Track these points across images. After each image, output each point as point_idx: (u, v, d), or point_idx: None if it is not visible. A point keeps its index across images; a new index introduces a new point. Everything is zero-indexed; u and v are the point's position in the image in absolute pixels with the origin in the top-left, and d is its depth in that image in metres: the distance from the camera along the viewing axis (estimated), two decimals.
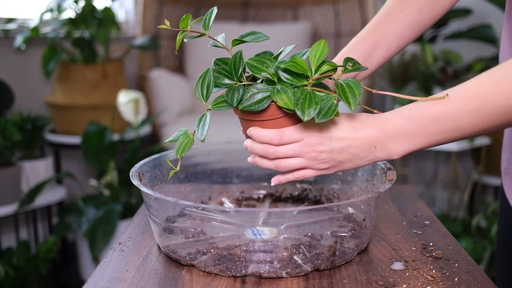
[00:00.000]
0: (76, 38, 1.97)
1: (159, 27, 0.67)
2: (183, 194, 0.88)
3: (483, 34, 2.24)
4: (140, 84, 2.45)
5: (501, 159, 0.85)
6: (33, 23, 1.90)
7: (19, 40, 1.88)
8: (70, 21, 1.94)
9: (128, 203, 1.92)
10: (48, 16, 1.94)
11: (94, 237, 1.70)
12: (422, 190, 2.72)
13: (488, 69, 0.57)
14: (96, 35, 1.98)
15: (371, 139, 0.62)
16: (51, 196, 1.90)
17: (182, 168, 0.88)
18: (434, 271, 0.64)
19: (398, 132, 0.61)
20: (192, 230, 0.68)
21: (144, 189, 0.67)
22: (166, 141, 0.68)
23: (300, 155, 0.64)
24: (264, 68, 0.64)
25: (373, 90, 0.65)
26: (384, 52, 0.80)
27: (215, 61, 0.69)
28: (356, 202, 0.72)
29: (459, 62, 2.32)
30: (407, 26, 0.78)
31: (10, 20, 1.95)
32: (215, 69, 0.67)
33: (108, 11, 2.05)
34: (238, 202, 0.92)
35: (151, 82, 2.36)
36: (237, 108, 0.65)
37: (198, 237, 0.68)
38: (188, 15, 0.69)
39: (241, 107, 0.62)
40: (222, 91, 0.67)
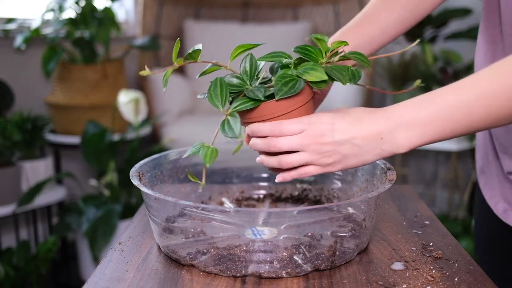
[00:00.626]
0: (76, 38, 1.97)
1: (141, 73, 0.65)
2: (183, 194, 0.88)
3: None
4: (140, 84, 2.45)
5: (475, 159, 0.86)
6: (34, 24, 1.90)
7: (19, 40, 1.88)
8: (70, 21, 1.94)
9: (128, 203, 1.92)
10: (48, 16, 1.94)
11: (94, 237, 1.70)
12: (422, 190, 2.72)
13: None
14: (96, 35, 1.98)
15: (377, 130, 0.59)
16: (51, 196, 1.90)
17: (182, 168, 0.88)
18: (434, 271, 0.64)
19: (407, 121, 0.58)
20: (192, 230, 0.68)
21: (144, 189, 0.67)
22: (185, 156, 0.66)
23: (302, 147, 0.61)
24: (281, 58, 0.65)
25: (366, 86, 0.65)
26: (367, 46, 0.79)
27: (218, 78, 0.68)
28: (356, 202, 0.72)
29: (459, 62, 2.32)
30: (392, 23, 0.78)
31: (10, 20, 1.95)
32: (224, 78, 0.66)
33: (108, 11, 2.05)
34: (238, 202, 0.92)
35: (151, 82, 2.36)
36: (243, 116, 0.65)
37: (198, 237, 0.68)
38: (198, 50, 0.67)
39: (278, 96, 0.60)
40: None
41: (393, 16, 0.78)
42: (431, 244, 0.73)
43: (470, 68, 2.22)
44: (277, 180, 0.66)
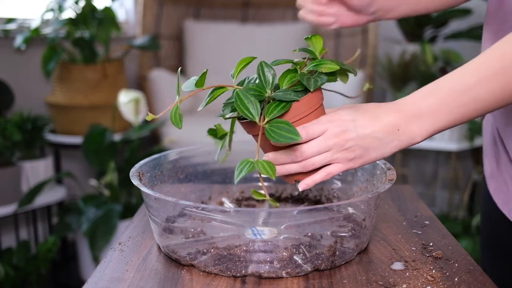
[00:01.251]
0: (76, 38, 1.97)
1: (147, 118, 0.63)
2: (183, 194, 0.88)
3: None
4: (140, 84, 2.45)
5: (483, 163, 0.84)
6: (34, 24, 1.90)
7: (19, 40, 1.88)
8: (70, 21, 1.94)
9: (128, 203, 1.92)
10: (48, 16, 1.94)
11: (94, 237, 1.70)
12: (422, 190, 2.72)
13: None
14: (96, 35, 1.98)
15: (394, 122, 0.61)
16: (51, 196, 1.90)
17: (182, 168, 0.88)
18: (434, 271, 0.64)
19: (418, 111, 0.60)
20: (192, 230, 0.68)
21: (144, 189, 0.67)
22: (237, 180, 0.59)
23: (327, 148, 0.61)
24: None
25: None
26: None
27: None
28: (356, 202, 0.72)
29: (459, 62, 2.32)
30: None
31: (10, 20, 1.95)
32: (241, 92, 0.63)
33: (108, 11, 2.05)
34: (238, 202, 0.92)
35: (151, 82, 2.36)
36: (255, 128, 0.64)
37: (198, 237, 0.68)
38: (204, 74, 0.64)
39: (313, 87, 0.61)
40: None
41: None
42: (431, 244, 0.73)
43: None
44: (300, 188, 0.65)
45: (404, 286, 0.61)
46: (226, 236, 0.67)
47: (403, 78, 2.38)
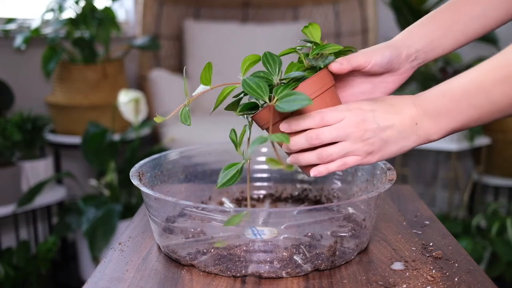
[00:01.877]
0: (76, 38, 1.97)
1: (155, 119, 0.63)
2: (183, 194, 0.88)
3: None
4: (140, 84, 2.45)
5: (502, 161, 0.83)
6: (34, 24, 1.90)
7: (19, 40, 1.88)
8: (70, 21, 1.94)
9: (128, 203, 1.91)
10: (48, 16, 1.94)
11: (94, 237, 1.70)
12: (422, 190, 2.72)
13: None
14: (96, 35, 1.98)
15: (412, 115, 0.60)
16: (51, 196, 1.90)
17: (182, 168, 0.88)
18: (434, 271, 0.64)
19: (434, 108, 0.59)
20: (192, 230, 0.68)
21: (144, 189, 0.67)
22: (250, 150, 0.58)
23: (344, 136, 0.59)
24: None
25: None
26: (462, 32, 0.68)
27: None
28: (356, 202, 0.72)
29: (459, 62, 2.32)
30: (494, 4, 0.67)
31: (10, 20, 1.95)
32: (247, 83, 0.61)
33: (108, 11, 2.05)
34: (238, 202, 0.92)
35: (151, 82, 2.36)
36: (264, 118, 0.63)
37: (198, 237, 0.68)
38: None
39: (324, 65, 0.61)
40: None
41: None
42: (431, 244, 0.73)
43: (470, 68, 2.21)
44: (312, 174, 0.62)
45: (404, 286, 0.61)
46: (226, 236, 0.67)
47: None
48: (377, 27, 2.51)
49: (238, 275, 0.63)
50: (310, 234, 0.67)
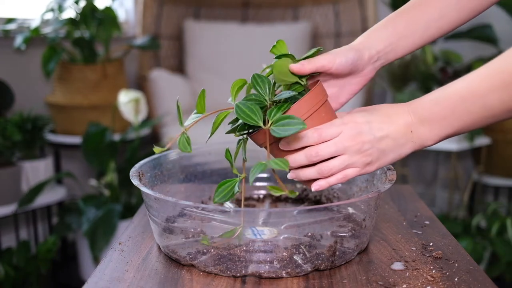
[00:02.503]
0: (76, 38, 1.97)
1: (154, 150, 0.64)
2: (183, 194, 0.88)
3: (483, 34, 2.24)
4: (140, 84, 2.45)
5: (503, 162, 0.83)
6: (34, 24, 1.90)
7: (19, 40, 1.88)
8: (71, 21, 1.94)
9: (128, 203, 1.91)
10: (48, 16, 1.94)
11: (94, 237, 1.70)
12: (422, 190, 2.72)
13: None
14: (96, 35, 1.98)
15: (407, 123, 0.61)
16: (51, 196, 1.90)
17: (182, 168, 0.88)
18: (434, 271, 0.64)
19: (429, 115, 0.60)
20: (192, 230, 0.68)
21: (144, 189, 0.67)
22: (251, 180, 0.58)
23: (342, 150, 0.61)
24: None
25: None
26: (420, 34, 0.70)
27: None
28: (356, 202, 0.72)
29: (459, 62, 2.32)
30: (453, 4, 0.69)
31: (10, 20, 1.95)
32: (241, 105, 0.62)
33: (108, 11, 2.05)
34: (238, 202, 0.92)
35: (151, 82, 2.36)
36: (262, 135, 0.64)
37: (198, 237, 0.68)
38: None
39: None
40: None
41: None
42: (431, 244, 0.73)
43: (470, 68, 2.22)
44: (313, 189, 0.64)
45: (404, 286, 0.61)
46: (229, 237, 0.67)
47: (403, 78, 2.38)
48: None
49: (238, 275, 0.63)
50: (310, 234, 0.67)
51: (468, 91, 0.57)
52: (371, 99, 2.54)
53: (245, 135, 0.69)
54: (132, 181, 0.70)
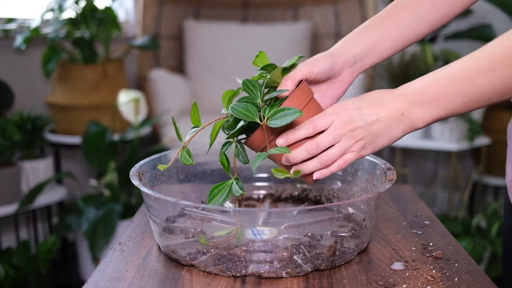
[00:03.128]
0: (76, 38, 1.97)
1: (159, 167, 0.67)
2: (183, 194, 0.88)
3: (483, 34, 2.24)
4: (140, 84, 2.45)
5: (505, 166, 0.83)
6: (34, 23, 1.90)
7: (19, 40, 1.88)
8: (71, 21, 1.94)
9: (128, 203, 1.91)
10: (48, 16, 1.94)
11: (94, 237, 1.70)
12: (422, 190, 2.72)
13: None
14: (96, 35, 1.98)
15: (398, 107, 0.62)
16: (51, 196, 1.90)
17: (182, 168, 0.88)
18: (434, 271, 0.64)
19: (421, 97, 0.61)
20: (192, 230, 0.68)
21: (144, 189, 0.67)
22: (254, 169, 0.63)
23: (338, 138, 0.63)
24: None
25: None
26: (396, 38, 0.74)
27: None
28: (356, 202, 0.72)
29: None
30: (426, 9, 0.73)
31: (10, 20, 1.95)
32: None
33: (108, 11, 2.05)
34: (238, 202, 0.92)
35: (151, 82, 2.36)
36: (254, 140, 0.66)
37: (198, 237, 0.68)
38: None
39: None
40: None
41: (428, 3, 0.73)
42: (431, 244, 0.73)
43: None
44: (315, 177, 0.66)
45: (404, 286, 0.61)
46: (225, 236, 0.67)
47: (403, 78, 2.38)
48: None
49: (238, 275, 0.63)
50: (310, 234, 0.67)
51: (460, 74, 0.59)
52: None
53: (242, 140, 0.71)
54: (132, 181, 0.70)
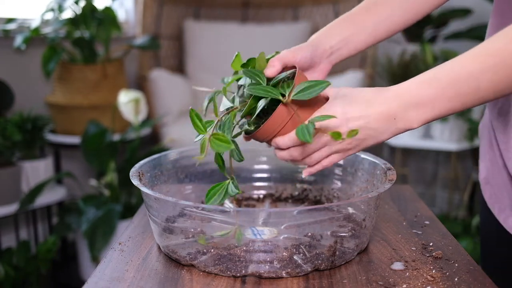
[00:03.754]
0: (76, 38, 1.97)
1: (197, 159, 0.68)
2: (183, 194, 0.88)
3: (483, 34, 2.23)
4: (140, 84, 2.45)
5: (478, 167, 0.83)
6: (34, 24, 1.90)
7: (19, 40, 1.88)
8: (70, 21, 1.94)
9: (128, 203, 1.92)
10: (48, 16, 1.94)
11: (94, 237, 1.70)
12: (422, 190, 2.72)
13: None
14: (96, 35, 1.98)
15: (389, 112, 0.60)
16: (51, 196, 1.90)
17: (182, 168, 0.88)
18: (434, 271, 0.64)
19: (416, 99, 0.59)
20: (192, 230, 0.68)
21: (144, 189, 0.67)
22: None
23: (323, 145, 0.64)
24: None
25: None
26: (369, 33, 0.77)
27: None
28: (356, 202, 0.72)
29: None
30: (398, 6, 0.77)
31: (10, 20, 1.95)
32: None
33: (108, 11, 2.05)
34: (238, 202, 0.92)
35: (151, 82, 2.36)
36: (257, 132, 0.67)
37: (198, 237, 0.68)
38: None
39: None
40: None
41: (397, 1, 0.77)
42: (431, 244, 0.73)
43: None
44: (303, 175, 0.69)
45: (404, 286, 0.61)
46: (225, 236, 0.67)
47: (403, 78, 2.36)
48: None
49: (238, 275, 0.63)
50: (310, 234, 0.67)
51: (458, 72, 0.57)
52: None
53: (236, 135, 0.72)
54: (132, 181, 0.70)
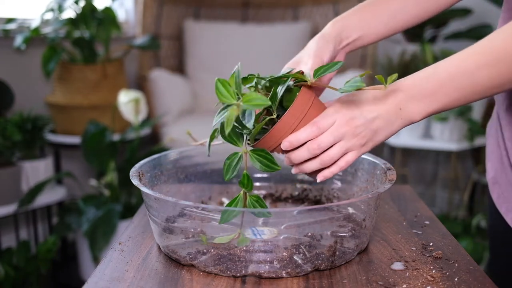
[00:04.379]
0: (76, 38, 1.97)
1: (193, 144, 0.68)
2: (183, 194, 0.88)
3: (483, 34, 2.22)
4: (140, 84, 2.45)
5: (485, 167, 0.84)
6: (34, 23, 1.90)
7: (19, 40, 1.88)
8: (70, 21, 1.94)
9: (128, 203, 1.91)
10: (48, 16, 1.94)
11: (94, 237, 1.70)
12: (422, 190, 2.72)
13: None
14: (96, 35, 1.98)
15: (396, 102, 0.63)
16: (51, 196, 1.90)
17: (182, 168, 0.88)
18: (434, 271, 0.64)
19: (419, 92, 0.62)
20: (192, 230, 0.68)
21: (144, 189, 0.67)
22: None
23: (340, 137, 0.64)
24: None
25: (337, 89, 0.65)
26: (384, 25, 0.78)
27: None
28: (356, 202, 0.72)
29: None
30: (410, 4, 0.77)
31: (10, 20, 1.95)
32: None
33: (108, 11, 2.05)
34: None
35: (151, 82, 2.36)
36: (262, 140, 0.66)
37: (198, 237, 0.68)
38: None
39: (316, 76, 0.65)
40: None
41: None
42: (431, 244, 0.73)
43: None
44: (318, 180, 0.67)
45: (404, 286, 0.61)
46: (225, 236, 0.67)
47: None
48: None
49: (238, 275, 0.63)
50: (310, 234, 0.67)
51: (457, 68, 0.59)
52: None
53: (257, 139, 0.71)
54: (132, 181, 0.70)
